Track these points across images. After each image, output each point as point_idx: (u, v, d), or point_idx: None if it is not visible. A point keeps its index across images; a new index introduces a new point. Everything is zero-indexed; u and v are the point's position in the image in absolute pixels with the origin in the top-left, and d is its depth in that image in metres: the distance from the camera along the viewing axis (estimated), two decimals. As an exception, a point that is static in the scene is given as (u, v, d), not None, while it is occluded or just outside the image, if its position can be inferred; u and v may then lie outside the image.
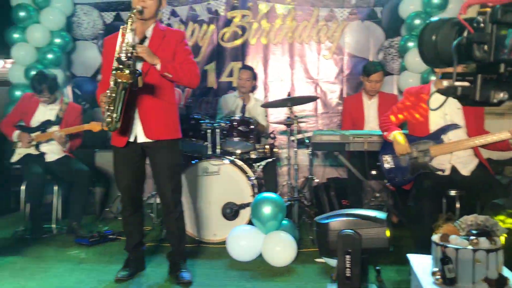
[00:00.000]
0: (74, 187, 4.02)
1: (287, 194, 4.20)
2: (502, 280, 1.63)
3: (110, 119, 2.56)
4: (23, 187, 4.10)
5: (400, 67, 5.10)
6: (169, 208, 2.96)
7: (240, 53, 5.37)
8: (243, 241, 3.27)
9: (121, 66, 2.47)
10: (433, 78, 4.55)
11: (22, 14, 4.98)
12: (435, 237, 1.79)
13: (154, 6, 2.80)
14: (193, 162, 3.83)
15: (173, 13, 5.39)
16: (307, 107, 5.29)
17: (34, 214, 3.99)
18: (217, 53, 5.40)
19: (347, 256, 2.16)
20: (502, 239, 1.64)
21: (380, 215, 2.40)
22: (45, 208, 4.27)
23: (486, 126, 3.29)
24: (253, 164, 4.31)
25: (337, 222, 2.45)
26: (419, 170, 3.20)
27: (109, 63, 2.75)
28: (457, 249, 1.67)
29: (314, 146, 3.85)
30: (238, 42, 5.37)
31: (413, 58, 4.72)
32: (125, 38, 2.62)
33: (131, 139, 2.86)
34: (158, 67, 2.71)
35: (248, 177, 3.80)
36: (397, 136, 3.25)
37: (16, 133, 4.12)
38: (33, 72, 4.83)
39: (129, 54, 2.56)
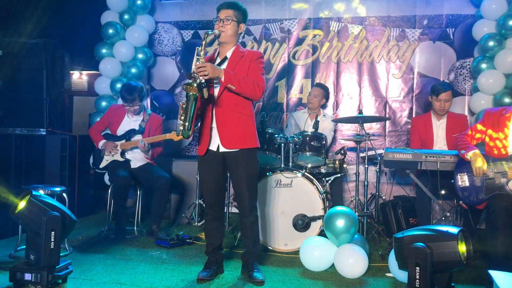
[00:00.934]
0: (156, 192, 4.31)
1: (355, 210, 4.29)
2: None
3: (183, 128, 2.86)
4: (109, 190, 4.43)
5: (471, 88, 5.09)
6: (245, 213, 3.18)
7: (310, 70, 5.55)
8: (316, 251, 3.40)
9: (190, 81, 2.80)
10: (507, 99, 4.54)
11: (110, 31, 5.42)
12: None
13: (231, 30, 3.09)
14: (267, 174, 4.01)
15: (247, 32, 5.66)
16: (375, 125, 5.38)
17: (118, 216, 4.31)
18: (288, 70, 5.61)
19: (417, 268, 2.25)
20: None
21: (452, 229, 2.47)
22: (127, 210, 4.60)
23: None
24: (323, 179, 4.45)
25: (410, 236, 2.56)
26: (495, 191, 3.22)
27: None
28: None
29: (386, 163, 3.93)
30: (309, 60, 5.55)
31: (487, 80, 4.72)
32: (200, 57, 2.91)
33: (214, 149, 3.13)
34: (222, 79, 2.94)
35: (320, 191, 3.94)
36: (476, 156, 3.28)
37: (102, 142, 4.47)
38: (118, 85, 5.25)
39: (199, 72, 2.85)
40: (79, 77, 7.43)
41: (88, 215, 5.35)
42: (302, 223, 3.87)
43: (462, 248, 2.40)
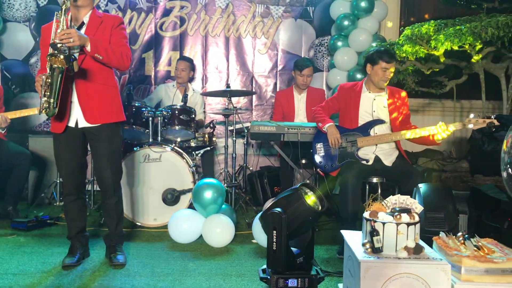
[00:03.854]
0: (14, 170, 3.93)
1: (223, 181, 4.41)
2: (419, 248, 1.97)
3: (47, 105, 2.57)
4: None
5: (329, 64, 5.48)
6: (108, 193, 3.01)
7: (179, 43, 5.48)
8: (185, 224, 3.44)
9: (55, 52, 2.52)
10: (358, 75, 4.98)
11: None
12: (366, 214, 2.09)
13: None
14: (134, 149, 3.91)
15: (111, 0, 5.37)
16: (243, 99, 5.52)
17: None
18: (155, 42, 5.47)
19: (274, 232, 2.39)
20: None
21: (293, 187, 2.62)
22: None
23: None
24: (193, 152, 4.47)
25: (269, 207, 2.68)
26: (347, 159, 3.54)
27: (47, 50, 2.81)
28: (383, 223, 1.99)
29: (252, 136, 4.09)
30: (177, 32, 5.47)
31: (342, 57, 5.11)
32: (59, 24, 2.64)
33: (72, 125, 2.87)
34: (88, 48, 2.71)
35: (189, 165, 3.96)
36: (331, 128, 3.57)
37: None
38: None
39: (63, 40, 2.57)
40: None
41: None
42: (171, 197, 3.87)
43: (311, 198, 2.53)
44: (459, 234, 2.09)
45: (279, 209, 2.36)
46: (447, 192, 2.84)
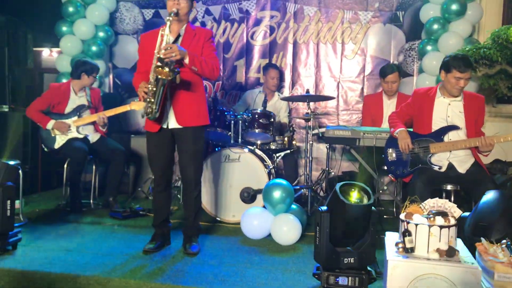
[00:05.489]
0: (111, 164, 4.49)
1: (304, 184, 4.55)
2: (452, 251, 1.95)
3: (151, 110, 3.02)
4: (65, 164, 4.58)
5: (418, 69, 5.34)
6: (190, 187, 3.34)
7: (268, 51, 5.73)
8: (255, 221, 3.65)
9: (161, 65, 2.89)
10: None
11: (70, 9, 5.50)
12: (402, 215, 2.12)
13: (187, 7, 3.19)
14: (216, 149, 4.22)
15: (207, 12, 5.79)
16: (330, 104, 5.60)
17: (74, 189, 4.46)
18: (246, 50, 5.78)
19: (317, 227, 2.51)
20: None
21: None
22: (84, 186, 4.78)
23: (496, 129, 3.51)
24: (273, 155, 4.68)
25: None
26: (419, 164, 3.48)
27: (144, 57, 3.24)
28: (416, 225, 2.00)
29: (327, 140, 4.18)
30: (267, 41, 5.73)
31: (430, 61, 4.96)
32: (164, 38, 3.03)
33: (165, 126, 3.26)
34: (186, 61, 3.07)
35: (266, 166, 4.16)
36: (402, 133, 3.55)
37: (52, 122, 4.50)
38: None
39: (166, 55, 2.93)
40: (49, 54, 7.44)
41: (49, 190, 5.49)
42: (248, 196, 4.10)
43: (353, 195, 2.55)
44: (503, 241, 2.03)
45: (324, 208, 2.47)
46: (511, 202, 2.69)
